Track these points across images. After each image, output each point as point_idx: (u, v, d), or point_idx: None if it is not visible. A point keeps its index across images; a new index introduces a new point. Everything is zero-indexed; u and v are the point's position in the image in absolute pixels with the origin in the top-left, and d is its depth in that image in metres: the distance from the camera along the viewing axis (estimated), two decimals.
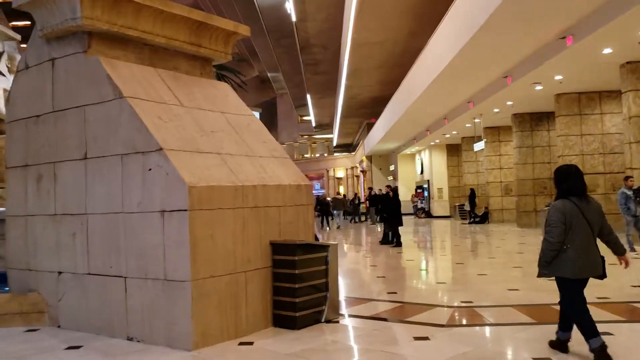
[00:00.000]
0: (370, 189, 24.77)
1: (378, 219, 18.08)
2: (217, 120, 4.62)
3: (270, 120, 48.72)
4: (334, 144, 45.77)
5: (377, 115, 25.59)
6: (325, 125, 42.60)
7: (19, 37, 9.89)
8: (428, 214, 24.80)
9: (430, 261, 9.66)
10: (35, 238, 4.54)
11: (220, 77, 23.55)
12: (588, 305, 3.35)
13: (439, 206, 24.84)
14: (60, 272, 4.37)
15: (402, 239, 11.80)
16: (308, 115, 41.62)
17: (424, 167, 26.41)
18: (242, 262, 4.05)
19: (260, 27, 26.20)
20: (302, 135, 47.94)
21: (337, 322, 4.47)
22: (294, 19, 18.48)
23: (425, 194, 25.69)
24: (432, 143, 23.51)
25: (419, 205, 25.52)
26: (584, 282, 3.37)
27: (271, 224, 4.34)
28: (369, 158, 32.93)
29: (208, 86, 5.01)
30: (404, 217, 12.62)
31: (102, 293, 4.11)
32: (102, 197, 4.13)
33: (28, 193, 4.61)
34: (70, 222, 4.30)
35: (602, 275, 3.38)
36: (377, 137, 25.60)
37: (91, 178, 4.20)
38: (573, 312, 3.34)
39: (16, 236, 4.69)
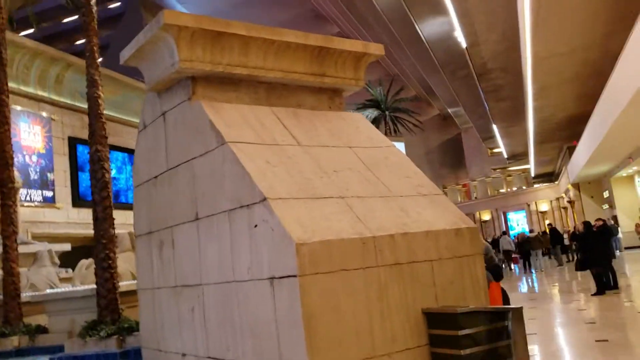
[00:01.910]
0: (550, 224, 21.64)
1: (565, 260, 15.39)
2: (343, 157, 3.73)
3: (457, 157, 46.78)
4: (532, 175, 41.77)
5: (578, 136, 22.40)
6: (519, 155, 39.21)
7: None
8: None
9: None
10: (162, 314, 4.07)
11: (393, 120, 23.12)
12: None
13: None
14: (184, 354, 3.78)
15: (629, 281, 9.39)
16: (498, 147, 38.77)
17: None
18: (383, 341, 2.99)
19: (433, 63, 25.29)
20: (494, 169, 44.79)
21: None
22: (464, 45, 17.17)
23: None
24: None
25: None
26: None
27: (422, 285, 3.22)
28: (576, 186, 28.99)
29: (335, 119, 4.18)
30: (630, 252, 10.16)
31: None
32: (214, 264, 3.47)
33: (153, 263, 4.19)
34: (188, 295, 3.72)
35: None
36: (581, 161, 22.31)
37: (204, 242, 3.60)
38: None
39: (146, 312, 4.29)
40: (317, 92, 4.32)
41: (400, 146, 29.51)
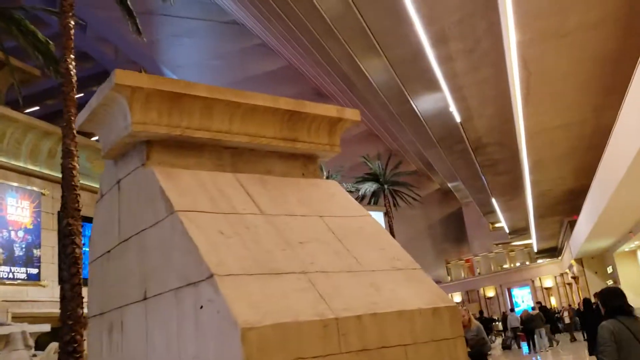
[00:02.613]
0: (539, 303, 20.90)
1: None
2: (312, 227, 3.38)
3: (459, 232, 46.28)
4: (535, 250, 41.05)
5: (578, 210, 22.06)
6: (521, 230, 38.72)
7: None
8: None
9: None
10: None
11: (392, 194, 22.90)
12: None
13: None
14: None
15: None
16: (499, 221, 38.34)
17: None
18: None
19: (430, 138, 25.43)
20: (496, 244, 44.09)
21: None
22: (458, 119, 17.24)
23: None
24: None
25: None
26: None
27: None
28: (579, 261, 28.28)
29: (307, 186, 3.87)
30: None
31: None
32: (162, 353, 3.03)
33: (103, 350, 3.73)
34: None
35: None
36: (582, 235, 21.84)
37: (151, 326, 3.17)
38: None
39: None
40: (288, 158, 4.03)
41: (379, 216, 28.86)
